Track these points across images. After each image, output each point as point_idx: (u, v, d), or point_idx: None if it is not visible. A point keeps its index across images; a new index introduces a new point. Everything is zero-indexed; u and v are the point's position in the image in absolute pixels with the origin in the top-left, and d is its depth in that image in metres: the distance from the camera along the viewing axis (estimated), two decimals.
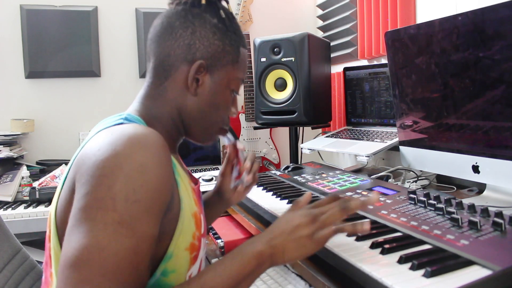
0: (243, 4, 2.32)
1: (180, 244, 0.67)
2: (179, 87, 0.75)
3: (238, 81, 0.81)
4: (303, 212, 0.69)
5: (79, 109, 2.24)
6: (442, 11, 1.51)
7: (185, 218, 0.68)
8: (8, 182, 1.81)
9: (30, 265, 1.00)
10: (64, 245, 0.56)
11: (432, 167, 1.25)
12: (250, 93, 2.25)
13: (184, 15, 0.75)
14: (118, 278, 0.54)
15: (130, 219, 0.56)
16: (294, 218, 0.67)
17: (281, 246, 0.65)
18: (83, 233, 0.54)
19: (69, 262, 0.54)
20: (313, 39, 1.71)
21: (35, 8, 2.12)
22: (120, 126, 0.67)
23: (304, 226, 0.66)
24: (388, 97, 1.66)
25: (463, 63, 1.04)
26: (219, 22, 0.76)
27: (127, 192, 0.57)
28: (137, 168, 0.58)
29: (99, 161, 0.58)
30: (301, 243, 0.66)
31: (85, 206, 0.56)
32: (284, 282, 0.90)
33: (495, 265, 0.60)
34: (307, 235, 0.66)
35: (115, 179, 0.57)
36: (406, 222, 0.82)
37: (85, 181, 0.58)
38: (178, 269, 0.67)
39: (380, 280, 0.61)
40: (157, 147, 0.62)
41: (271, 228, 0.68)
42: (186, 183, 0.73)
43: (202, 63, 0.74)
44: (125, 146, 0.60)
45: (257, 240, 0.66)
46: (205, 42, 0.74)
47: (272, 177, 1.40)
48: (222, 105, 0.79)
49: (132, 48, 2.30)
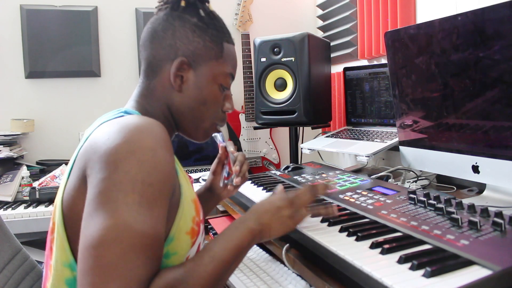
0: (243, 4, 2.32)
1: (181, 228, 0.70)
2: (166, 85, 0.80)
3: (226, 75, 0.83)
4: (281, 196, 0.80)
5: (79, 109, 2.24)
6: (442, 11, 1.51)
7: (185, 203, 0.72)
8: (8, 182, 1.81)
9: (30, 265, 1.00)
10: (83, 230, 0.59)
11: (432, 167, 1.25)
12: (250, 93, 2.25)
13: (166, 19, 0.80)
14: (146, 254, 0.58)
15: (147, 200, 0.60)
16: (275, 201, 0.79)
17: (268, 224, 0.75)
18: (107, 214, 0.57)
19: (96, 242, 0.56)
20: (313, 39, 1.71)
21: (35, 8, 2.12)
22: (124, 117, 0.71)
23: (285, 208, 0.78)
24: (388, 97, 1.66)
25: (463, 63, 1.04)
26: (199, 20, 0.80)
27: (143, 175, 0.60)
28: (148, 153, 0.62)
29: (111, 148, 0.62)
30: (283, 222, 0.77)
31: (105, 190, 0.59)
32: (284, 282, 0.90)
33: (495, 265, 0.60)
34: (288, 215, 0.78)
35: (130, 163, 0.60)
36: (406, 222, 0.82)
37: (100, 168, 0.61)
38: (179, 251, 0.71)
39: (380, 280, 0.61)
40: (162, 134, 0.66)
41: (256, 209, 0.77)
42: (183, 171, 0.78)
43: (184, 60, 0.78)
44: (134, 133, 0.64)
45: (247, 219, 0.75)
46: (185, 40, 0.79)
47: (272, 177, 1.40)
48: (209, 100, 0.82)
49: (132, 48, 2.30)
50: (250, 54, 2.22)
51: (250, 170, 2.30)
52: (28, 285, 0.98)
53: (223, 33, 0.83)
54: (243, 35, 2.28)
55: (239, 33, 2.31)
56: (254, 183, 1.33)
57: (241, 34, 2.28)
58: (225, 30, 0.84)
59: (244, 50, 2.25)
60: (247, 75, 2.26)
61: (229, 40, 0.85)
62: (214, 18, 0.83)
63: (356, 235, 0.78)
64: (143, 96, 0.82)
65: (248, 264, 1.03)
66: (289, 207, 0.78)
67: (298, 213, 0.79)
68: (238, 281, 0.96)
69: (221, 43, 0.82)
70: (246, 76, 2.26)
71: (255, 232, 0.73)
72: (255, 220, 0.74)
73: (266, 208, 0.77)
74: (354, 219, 0.88)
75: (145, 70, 0.82)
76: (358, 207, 0.95)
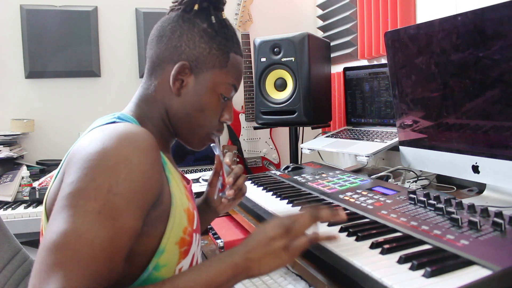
0: (243, 4, 2.32)
1: (172, 239, 0.68)
2: (166, 88, 0.78)
3: (228, 86, 0.81)
4: (276, 222, 0.69)
5: (79, 109, 2.24)
6: (442, 11, 1.51)
7: (177, 213, 0.70)
8: (8, 182, 1.81)
9: (30, 265, 1.00)
10: (46, 229, 0.58)
11: (432, 167, 1.25)
12: (250, 93, 2.25)
13: (176, 20, 0.79)
14: (90, 266, 0.55)
15: (111, 210, 0.58)
16: (269, 230, 0.68)
17: (257, 259, 0.66)
18: (63, 219, 0.56)
19: (46, 245, 0.55)
20: (313, 39, 1.71)
21: (35, 8, 2.12)
22: (112, 124, 0.70)
23: (278, 238, 0.67)
24: (388, 97, 1.66)
25: (463, 63, 1.04)
26: (208, 27, 0.78)
27: (110, 184, 0.58)
28: (122, 162, 0.60)
29: (87, 154, 0.61)
30: (277, 255, 0.66)
31: (69, 193, 0.58)
32: (284, 282, 0.90)
33: (495, 265, 0.60)
34: (282, 246, 0.66)
35: (100, 171, 0.59)
36: (406, 222, 0.82)
37: (72, 172, 0.61)
38: (169, 263, 0.69)
39: (380, 280, 0.61)
40: (145, 144, 0.64)
41: (248, 240, 0.68)
42: (177, 180, 0.75)
43: (185, 64, 0.76)
44: (113, 141, 0.62)
45: (235, 252, 0.66)
46: (190, 44, 0.77)
47: (272, 177, 1.40)
48: (207, 108, 0.80)
49: (132, 48, 2.30)
50: (250, 54, 2.22)
51: (250, 170, 2.31)
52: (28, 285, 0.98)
53: (232, 42, 0.81)
54: (243, 35, 2.28)
55: (239, 33, 2.31)
56: (254, 183, 1.33)
57: (241, 34, 2.28)
58: (234, 40, 0.82)
59: (244, 50, 2.25)
60: (247, 75, 2.26)
61: (237, 51, 0.82)
62: (226, 26, 0.81)
63: (356, 235, 0.78)
64: (143, 99, 0.81)
65: None
66: (284, 236, 0.67)
67: (295, 244, 0.68)
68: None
69: (227, 53, 0.79)
70: (246, 76, 2.26)
71: (239, 269, 0.64)
72: (243, 255, 0.65)
73: (257, 239, 0.67)
74: (354, 219, 0.88)
75: (148, 69, 0.81)
76: (358, 207, 0.95)
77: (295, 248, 0.68)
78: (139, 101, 0.81)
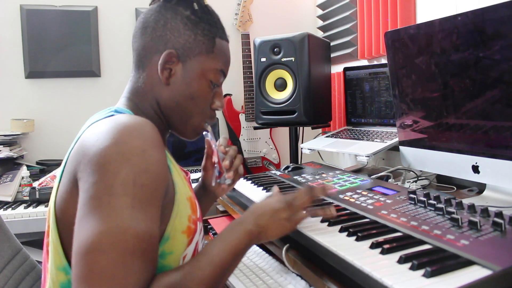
0: (243, 4, 2.32)
1: (176, 227, 0.69)
2: (155, 78, 0.78)
3: (217, 72, 0.81)
4: (279, 198, 0.79)
5: (79, 109, 2.23)
6: (442, 11, 1.51)
7: (180, 201, 0.71)
8: (8, 182, 1.81)
9: (30, 265, 1.00)
10: (76, 235, 0.57)
11: (432, 167, 1.25)
12: (250, 93, 2.25)
13: (159, 10, 0.79)
14: (142, 258, 0.56)
15: (140, 202, 0.59)
16: (272, 204, 0.77)
17: (265, 226, 0.74)
18: (100, 220, 0.56)
19: (90, 248, 0.55)
20: (313, 39, 1.71)
21: (35, 8, 2.12)
22: (113, 116, 0.70)
23: (282, 211, 0.76)
24: (388, 97, 1.66)
25: (463, 63, 1.04)
26: (191, 14, 0.78)
27: (134, 176, 0.59)
28: (138, 154, 0.61)
29: (101, 149, 0.60)
30: (281, 224, 0.76)
31: (96, 194, 0.58)
32: (284, 282, 0.90)
33: (495, 265, 0.60)
34: (285, 217, 0.76)
35: (120, 165, 0.59)
36: (406, 222, 0.82)
37: (91, 171, 0.60)
38: (175, 251, 0.70)
39: (380, 280, 0.61)
40: (152, 133, 0.65)
41: (253, 210, 0.76)
42: (178, 169, 0.76)
43: (172, 52, 0.76)
44: (123, 133, 0.62)
45: (244, 221, 0.74)
46: (175, 32, 0.77)
47: (272, 177, 1.40)
48: (198, 96, 0.80)
49: None
50: (250, 54, 2.22)
51: (250, 170, 2.31)
52: (28, 285, 0.98)
53: (216, 28, 0.81)
54: (243, 35, 2.28)
55: (239, 33, 2.31)
56: (254, 183, 1.33)
57: (241, 34, 2.28)
58: (218, 26, 0.82)
59: (244, 50, 2.25)
60: (247, 75, 2.26)
61: (223, 36, 0.83)
62: (208, 12, 0.81)
63: (356, 235, 0.78)
64: (134, 92, 0.80)
65: (248, 264, 1.03)
66: (287, 209, 0.77)
67: (296, 215, 0.78)
68: (238, 281, 0.96)
69: (213, 38, 0.80)
70: (246, 76, 2.26)
71: (253, 234, 0.73)
72: (253, 222, 0.74)
73: (263, 210, 0.76)
74: (354, 219, 0.88)
75: (135, 62, 0.81)
76: (358, 207, 0.95)
77: (296, 219, 0.78)
78: (130, 95, 0.81)
